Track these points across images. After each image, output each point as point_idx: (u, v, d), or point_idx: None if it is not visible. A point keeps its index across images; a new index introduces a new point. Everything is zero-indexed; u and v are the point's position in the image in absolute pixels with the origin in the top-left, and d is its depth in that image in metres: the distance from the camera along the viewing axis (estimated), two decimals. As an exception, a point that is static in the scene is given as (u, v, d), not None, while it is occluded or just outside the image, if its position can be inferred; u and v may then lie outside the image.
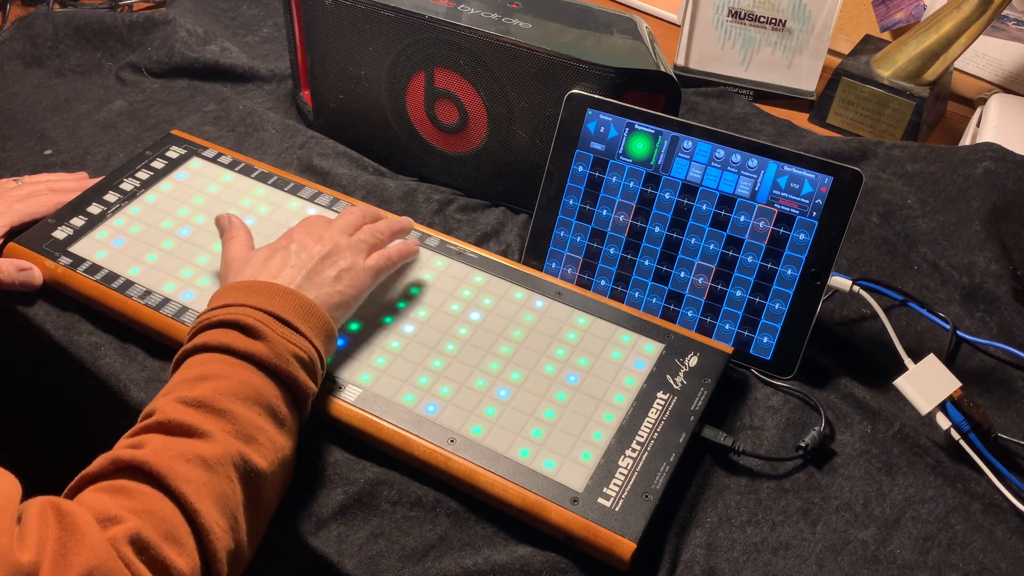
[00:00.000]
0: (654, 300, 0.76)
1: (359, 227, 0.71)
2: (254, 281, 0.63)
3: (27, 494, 0.49)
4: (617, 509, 0.60)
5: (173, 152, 0.85)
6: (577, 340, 0.71)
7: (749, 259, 0.73)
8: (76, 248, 0.76)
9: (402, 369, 0.68)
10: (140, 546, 0.48)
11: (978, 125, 1.00)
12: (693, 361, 0.70)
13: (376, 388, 0.66)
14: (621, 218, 0.76)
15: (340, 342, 0.68)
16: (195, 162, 0.85)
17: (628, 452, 0.63)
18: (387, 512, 0.63)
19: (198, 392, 0.55)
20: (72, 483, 0.52)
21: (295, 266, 0.65)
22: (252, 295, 0.61)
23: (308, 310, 0.62)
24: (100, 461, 0.52)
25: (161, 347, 0.72)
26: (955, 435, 0.67)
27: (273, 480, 0.56)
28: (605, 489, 0.61)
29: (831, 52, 1.11)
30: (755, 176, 0.72)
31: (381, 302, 0.73)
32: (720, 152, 0.73)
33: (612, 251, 0.77)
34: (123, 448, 0.53)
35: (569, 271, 0.78)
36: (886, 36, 1.12)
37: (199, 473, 0.52)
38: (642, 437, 0.64)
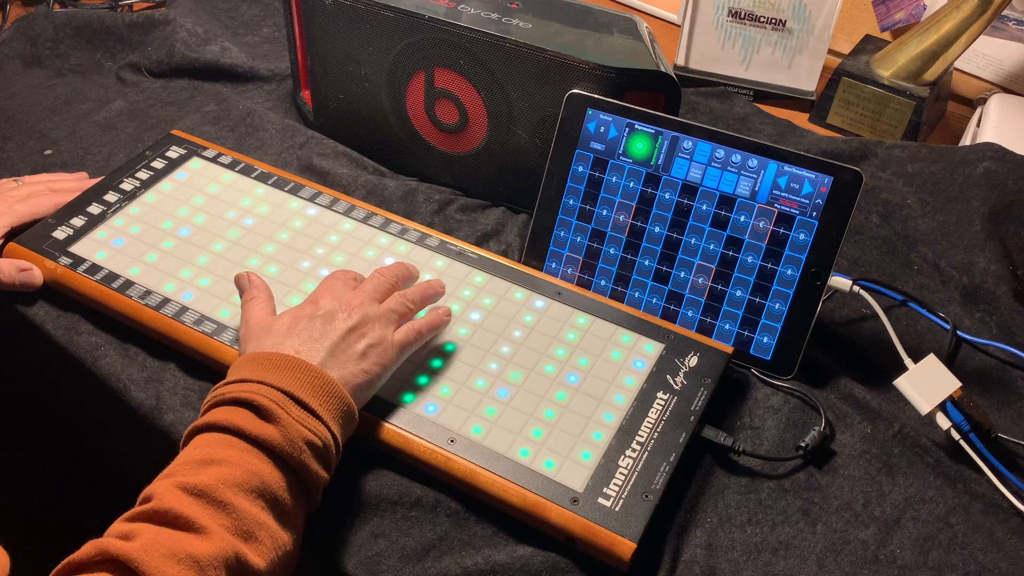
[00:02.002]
0: (654, 300, 0.76)
1: (390, 291, 0.67)
2: (275, 354, 0.60)
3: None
4: (617, 509, 0.60)
5: (173, 152, 0.85)
6: (577, 340, 0.71)
7: (749, 259, 0.73)
8: (76, 248, 0.76)
9: (402, 369, 0.68)
10: None
11: (978, 125, 1.00)
12: (693, 361, 0.70)
13: (376, 388, 0.66)
14: (621, 218, 0.76)
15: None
16: (195, 162, 0.85)
17: (628, 452, 0.63)
18: (387, 512, 0.63)
19: (201, 479, 0.52)
20: (58, 567, 0.49)
21: (319, 339, 0.61)
22: (270, 371, 0.58)
23: (329, 391, 0.59)
24: (87, 548, 0.49)
25: (161, 347, 0.72)
26: (955, 435, 0.67)
27: None
28: (605, 489, 0.61)
29: (831, 52, 1.11)
30: (755, 176, 0.72)
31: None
32: (720, 152, 0.73)
33: (612, 251, 0.77)
34: (114, 536, 0.50)
35: (569, 271, 0.78)
36: (886, 36, 1.12)
37: (189, 575, 0.48)
38: (642, 437, 0.64)
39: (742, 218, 0.73)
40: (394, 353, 0.64)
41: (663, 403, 0.66)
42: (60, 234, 0.77)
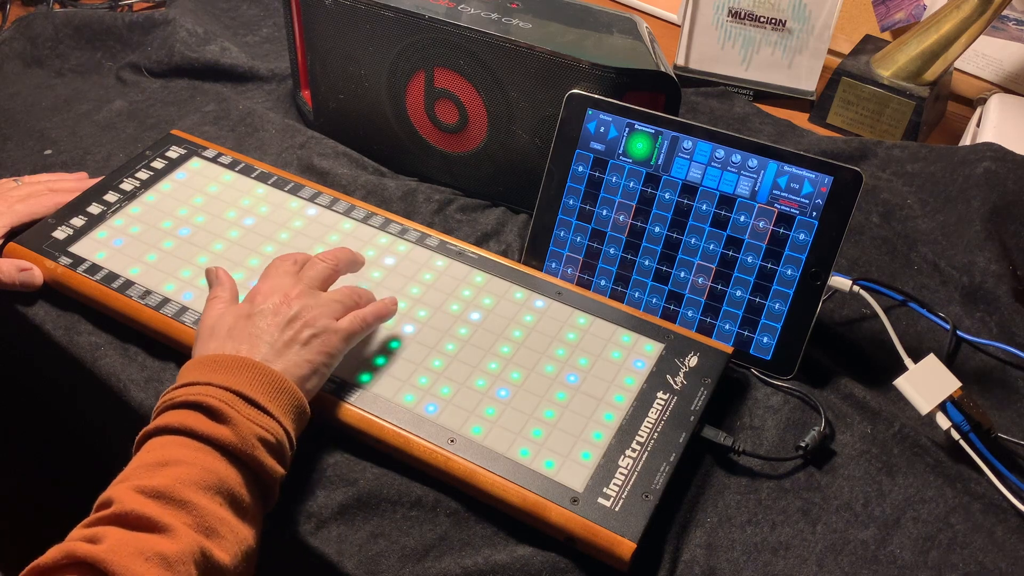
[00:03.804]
0: (654, 300, 0.76)
1: (332, 277, 0.68)
2: (219, 355, 0.60)
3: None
4: (617, 509, 0.60)
5: (173, 152, 0.85)
6: (577, 340, 0.71)
7: (749, 259, 0.73)
8: (76, 248, 0.76)
9: (402, 369, 0.68)
10: None
11: (978, 125, 1.00)
12: (693, 361, 0.70)
13: (376, 388, 0.66)
14: (621, 218, 0.76)
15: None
16: (195, 162, 0.85)
17: (628, 452, 0.63)
18: (387, 512, 0.63)
19: (158, 481, 0.52)
20: (23, 573, 0.49)
21: (260, 335, 0.61)
22: (217, 372, 0.58)
23: (277, 386, 0.59)
24: (53, 552, 0.49)
25: (161, 347, 0.72)
26: (955, 435, 0.67)
27: (236, 574, 0.53)
28: (605, 489, 0.61)
29: (831, 52, 1.11)
30: (755, 176, 0.72)
31: (381, 302, 0.73)
32: (720, 152, 0.73)
33: (612, 251, 0.77)
34: (78, 540, 0.50)
35: (569, 271, 0.78)
36: (886, 36, 1.12)
37: (158, 573, 0.48)
38: (642, 437, 0.64)
39: (742, 218, 0.73)
40: (338, 341, 0.64)
41: (663, 403, 0.66)
42: (60, 234, 0.77)
